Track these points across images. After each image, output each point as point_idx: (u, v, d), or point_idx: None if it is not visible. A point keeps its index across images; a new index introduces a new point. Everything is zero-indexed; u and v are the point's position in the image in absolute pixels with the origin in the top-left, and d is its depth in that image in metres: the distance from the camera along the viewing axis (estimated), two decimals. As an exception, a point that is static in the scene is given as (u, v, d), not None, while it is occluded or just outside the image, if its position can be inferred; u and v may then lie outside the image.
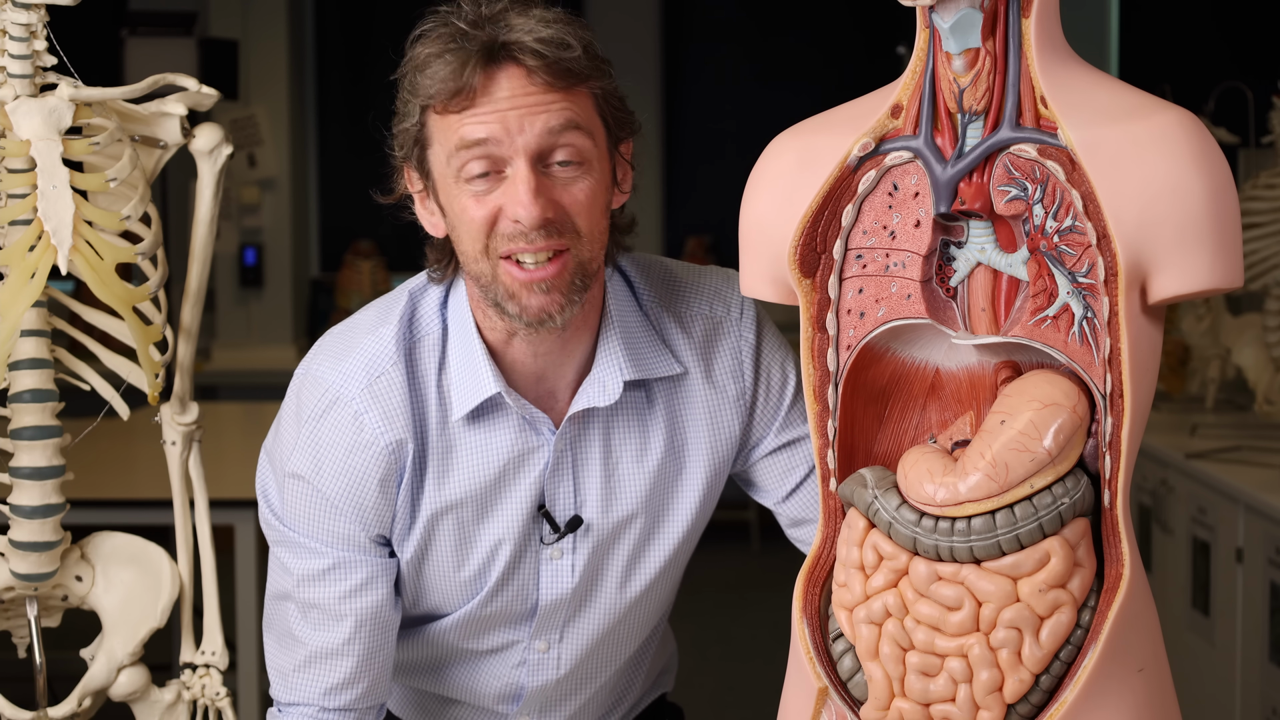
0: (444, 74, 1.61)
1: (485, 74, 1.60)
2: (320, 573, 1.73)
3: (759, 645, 5.19)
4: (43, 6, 1.85)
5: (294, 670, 1.77)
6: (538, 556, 1.77)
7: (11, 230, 1.86)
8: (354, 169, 7.03)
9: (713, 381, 1.78)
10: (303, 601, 1.75)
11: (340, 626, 1.74)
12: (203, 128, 2.00)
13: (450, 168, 1.63)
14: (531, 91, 1.61)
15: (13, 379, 1.90)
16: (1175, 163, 1.33)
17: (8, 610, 2.02)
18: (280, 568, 1.77)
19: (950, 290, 1.47)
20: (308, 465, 1.72)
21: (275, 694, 1.79)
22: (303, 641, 1.76)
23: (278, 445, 1.78)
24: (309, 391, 1.75)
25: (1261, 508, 3.25)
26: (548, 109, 1.61)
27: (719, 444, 1.79)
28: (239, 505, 3.43)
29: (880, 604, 1.42)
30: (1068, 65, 1.40)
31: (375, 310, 1.78)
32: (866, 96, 1.50)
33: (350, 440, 1.71)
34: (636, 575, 1.81)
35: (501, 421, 1.72)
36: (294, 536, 1.75)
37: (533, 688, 1.84)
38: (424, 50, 1.64)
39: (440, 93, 1.61)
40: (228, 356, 6.62)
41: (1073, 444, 1.38)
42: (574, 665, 1.84)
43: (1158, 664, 1.43)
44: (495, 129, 1.60)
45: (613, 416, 1.75)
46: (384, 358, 1.72)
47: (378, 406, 1.70)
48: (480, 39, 1.60)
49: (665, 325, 1.78)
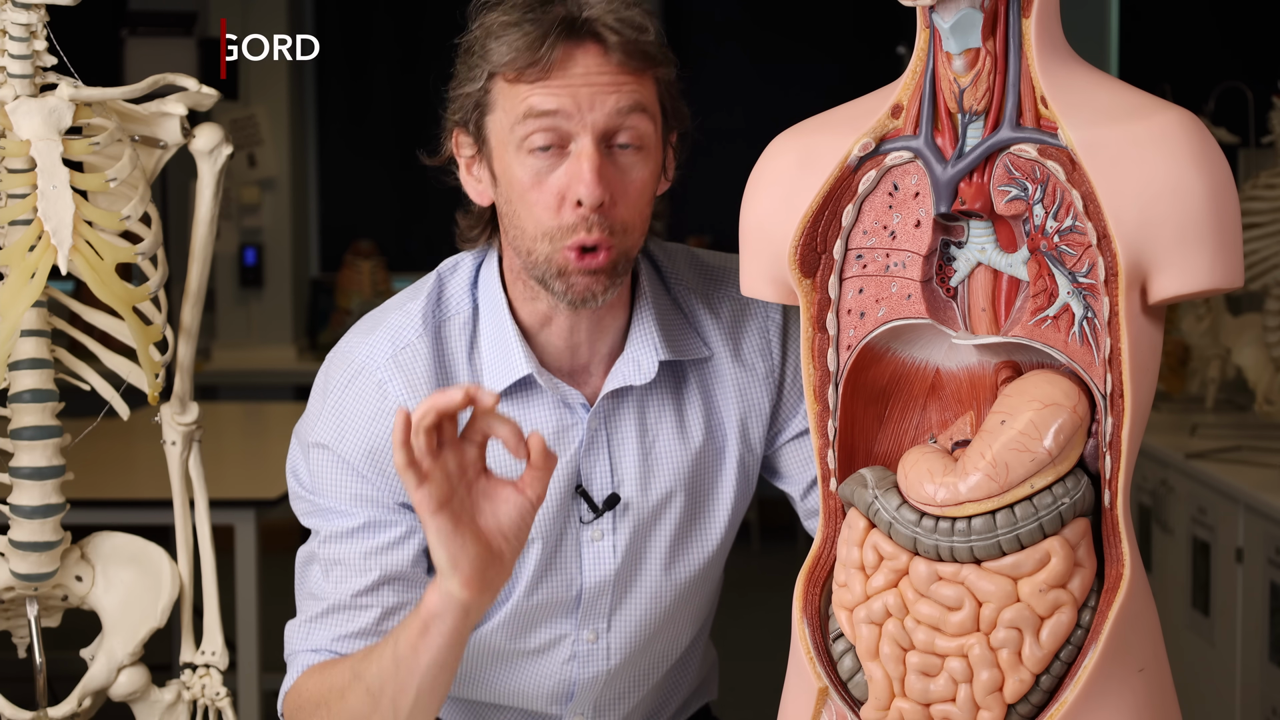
0: (521, 43, 1.61)
1: (564, 48, 1.61)
2: (348, 531, 1.72)
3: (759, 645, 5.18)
4: (43, 6, 1.85)
5: (307, 621, 1.74)
6: (578, 538, 1.76)
7: (11, 230, 1.86)
8: (354, 169, 7.03)
9: (741, 360, 1.79)
10: (326, 559, 1.73)
11: (361, 579, 1.72)
12: (203, 128, 2.00)
13: (513, 136, 1.63)
14: (606, 70, 1.62)
15: (13, 379, 1.90)
16: (1175, 163, 1.33)
17: (8, 610, 2.02)
18: (309, 539, 1.77)
19: (950, 290, 1.47)
20: (331, 433, 1.72)
21: (288, 645, 1.76)
22: (321, 597, 1.73)
23: (304, 420, 1.78)
24: (336, 365, 1.76)
25: (1261, 508, 3.25)
26: (619, 89, 1.62)
27: (752, 422, 1.80)
28: (239, 505, 3.44)
29: (880, 604, 1.42)
30: (1068, 65, 1.40)
31: (405, 294, 1.80)
32: (866, 96, 1.50)
33: (374, 407, 1.71)
34: (681, 558, 1.80)
35: (535, 400, 1.73)
36: (322, 503, 1.74)
37: (583, 682, 1.82)
38: (499, 17, 1.64)
39: (514, 61, 1.61)
40: (228, 356, 6.62)
41: (1073, 444, 1.38)
42: (624, 658, 1.82)
43: (1158, 664, 1.43)
44: (566, 102, 1.61)
45: (647, 395, 1.76)
46: (409, 329, 1.73)
47: (402, 375, 1.71)
48: (560, 13, 1.61)
49: (693, 308, 1.80)
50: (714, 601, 1.91)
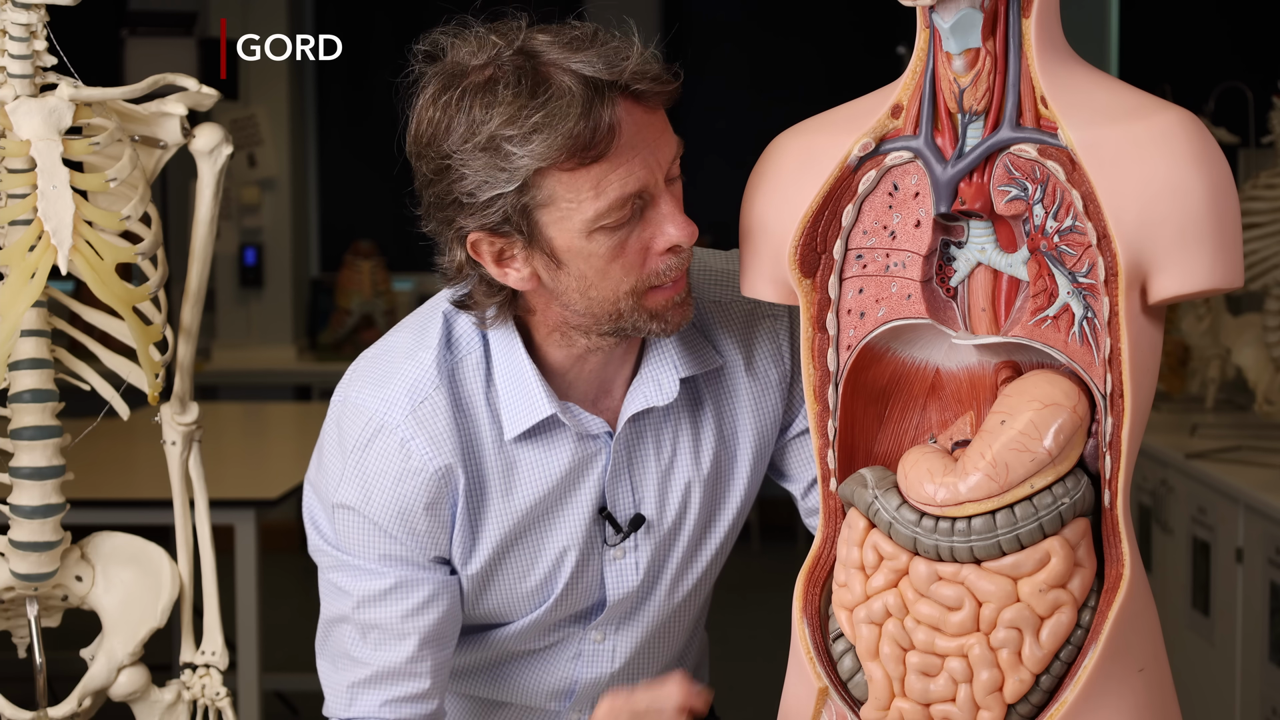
0: (564, 130, 1.49)
1: (609, 120, 1.50)
2: (381, 593, 1.69)
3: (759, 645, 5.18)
4: (43, 6, 1.85)
5: (354, 686, 1.72)
6: (601, 558, 1.75)
7: (11, 230, 1.86)
8: (354, 169, 7.02)
9: (754, 372, 1.77)
10: (362, 623, 1.70)
11: (404, 645, 1.70)
12: (203, 128, 2.00)
13: (590, 222, 1.53)
14: (653, 119, 1.54)
15: (13, 379, 1.90)
16: (1175, 163, 1.33)
17: (8, 610, 2.02)
18: (335, 592, 1.72)
19: (950, 290, 1.47)
20: (356, 496, 1.68)
21: (330, 710, 1.75)
22: (364, 662, 1.71)
23: (323, 477, 1.72)
24: (351, 420, 1.70)
25: (1261, 508, 3.25)
26: (665, 131, 1.56)
27: (764, 429, 1.78)
28: (239, 505, 3.43)
29: (880, 604, 1.42)
30: (1068, 65, 1.40)
31: (410, 332, 1.73)
32: (866, 96, 1.50)
33: (398, 468, 1.66)
34: (694, 565, 1.80)
35: (558, 436, 1.70)
36: (351, 560, 1.70)
37: (586, 681, 1.82)
38: (514, 112, 1.50)
39: (564, 149, 1.49)
40: (228, 356, 6.62)
41: (1073, 444, 1.38)
42: (629, 657, 1.82)
43: (1158, 664, 1.43)
44: (643, 174, 1.53)
45: (665, 414, 1.74)
46: (426, 382, 1.67)
47: (424, 432, 1.66)
48: (580, 89, 1.50)
49: (704, 315, 1.76)
50: (711, 593, 1.92)
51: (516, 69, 1.51)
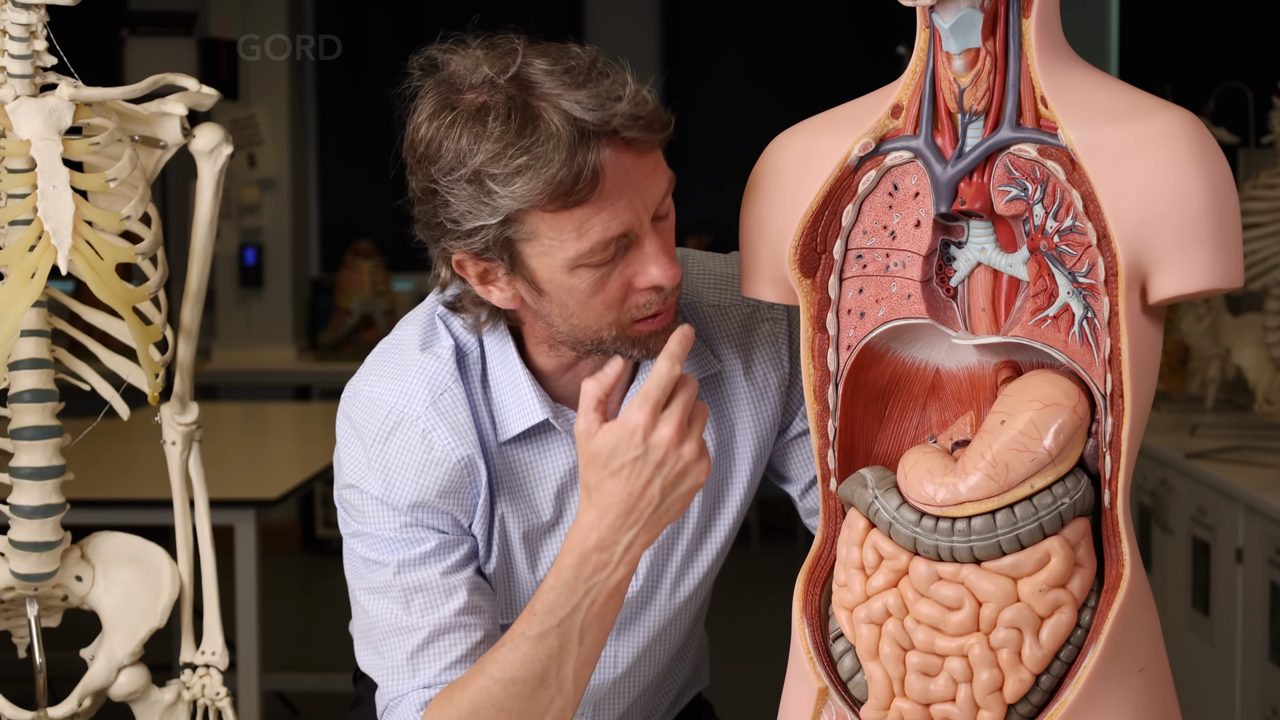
0: (546, 176, 1.48)
1: (595, 165, 1.48)
2: (421, 556, 1.68)
3: (759, 645, 5.18)
4: (43, 6, 1.85)
5: (407, 660, 1.69)
6: None
7: (11, 230, 1.86)
8: (354, 169, 7.02)
9: (753, 379, 1.77)
10: (405, 587, 1.68)
11: (453, 600, 1.68)
12: (203, 128, 2.00)
13: (571, 259, 1.53)
14: (641, 162, 1.53)
15: (13, 379, 1.90)
16: (1175, 163, 1.33)
17: (8, 610, 2.02)
18: (370, 566, 1.70)
19: (950, 290, 1.47)
20: (380, 488, 1.68)
21: (394, 689, 1.70)
22: (415, 628, 1.68)
23: (344, 468, 1.72)
24: (368, 413, 1.70)
25: (1261, 508, 3.25)
26: (655, 169, 1.54)
27: (762, 432, 1.78)
28: (239, 505, 3.43)
29: (880, 604, 1.42)
30: (1068, 65, 1.40)
31: (416, 327, 1.73)
32: (866, 96, 1.50)
33: (421, 459, 1.67)
34: (693, 569, 1.81)
35: (552, 440, 1.71)
36: (384, 533, 1.69)
37: (589, 687, 1.82)
38: (505, 150, 1.49)
39: (545, 193, 1.49)
40: (228, 356, 6.62)
41: (1073, 444, 1.38)
42: (631, 663, 1.83)
43: (1158, 664, 1.43)
44: (626, 217, 1.52)
45: None
46: (445, 374, 1.68)
47: (445, 423, 1.67)
48: (568, 132, 1.48)
49: (702, 319, 1.76)
50: (710, 594, 1.92)
51: (508, 100, 1.50)
